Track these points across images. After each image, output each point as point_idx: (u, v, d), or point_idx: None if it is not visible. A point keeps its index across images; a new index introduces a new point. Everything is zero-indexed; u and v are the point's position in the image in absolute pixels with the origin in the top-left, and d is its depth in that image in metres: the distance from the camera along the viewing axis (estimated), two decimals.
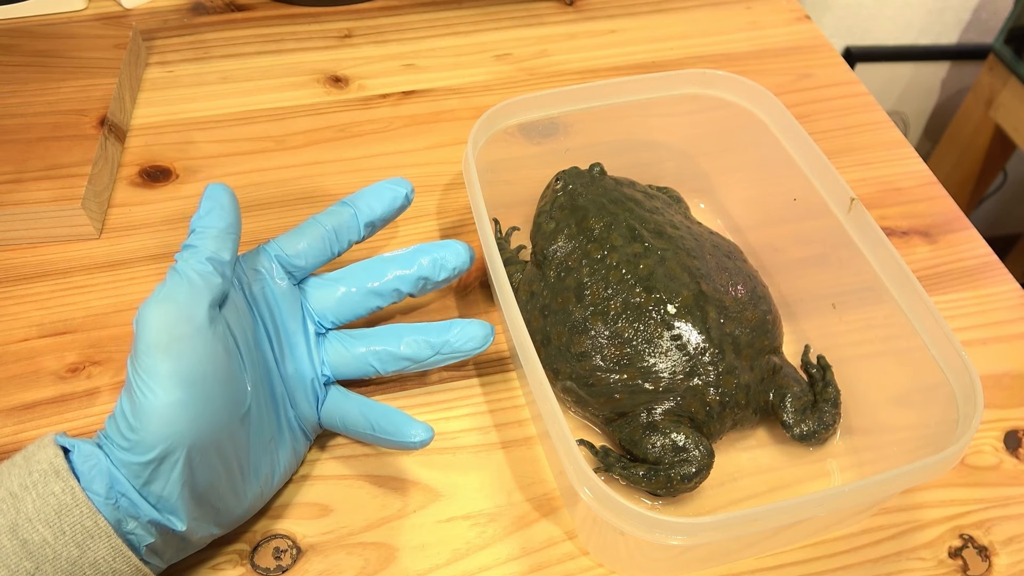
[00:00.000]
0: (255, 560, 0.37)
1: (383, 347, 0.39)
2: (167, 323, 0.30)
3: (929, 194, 0.54)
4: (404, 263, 0.40)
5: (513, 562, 0.37)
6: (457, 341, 0.39)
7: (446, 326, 0.39)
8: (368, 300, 0.40)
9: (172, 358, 0.30)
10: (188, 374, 0.30)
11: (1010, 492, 0.41)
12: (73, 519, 0.29)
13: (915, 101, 1.25)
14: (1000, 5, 1.14)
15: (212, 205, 0.34)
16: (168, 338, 0.30)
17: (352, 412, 0.38)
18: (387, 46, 0.62)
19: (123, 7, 0.63)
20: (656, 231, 0.42)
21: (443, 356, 0.39)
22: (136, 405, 0.30)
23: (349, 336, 0.39)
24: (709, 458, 0.37)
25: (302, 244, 0.39)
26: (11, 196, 0.47)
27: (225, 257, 0.34)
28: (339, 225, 0.40)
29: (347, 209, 0.40)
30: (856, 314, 0.42)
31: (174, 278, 0.32)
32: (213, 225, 0.34)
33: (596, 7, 0.67)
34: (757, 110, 0.47)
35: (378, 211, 0.41)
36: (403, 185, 0.41)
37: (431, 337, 0.39)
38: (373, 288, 0.40)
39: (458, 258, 0.41)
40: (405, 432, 0.37)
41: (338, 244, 0.40)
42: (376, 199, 0.41)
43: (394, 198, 0.41)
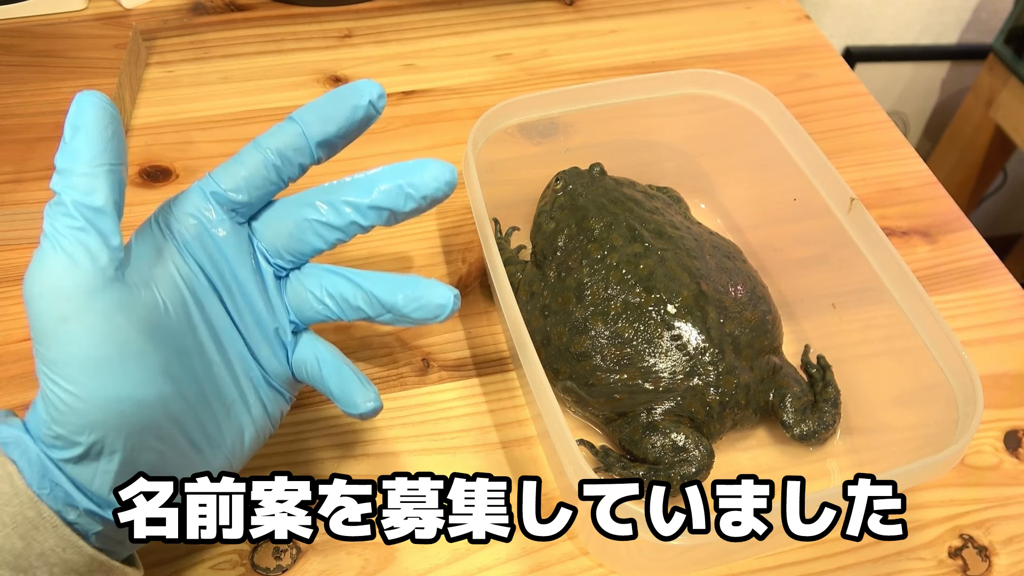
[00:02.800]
0: (255, 560, 0.37)
1: (338, 292, 0.34)
2: (46, 303, 0.26)
3: (929, 194, 0.54)
4: (358, 190, 0.33)
5: (513, 562, 0.37)
6: (406, 306, 0.33)
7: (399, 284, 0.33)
8: (326, 233, 0.33)
9: (64, 343, 0.26)
10: (88, 357, 0.26)
11: (1010, 492, 0.41)
12: (13, 509, 0.26)
13: (915, 101, 1.25)
14: (1000, 5, 1.14)
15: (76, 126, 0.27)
16: (53, 320, 0.26)
17: (311, 362, 0.34)
18: (387, 46, 0.62)
19: (123, 7, 0.63)
20: (656, 231, 0.42)
21: (394, 318, 0.34)
22: (45, 400, 0.27)
23: (307, 274, 0.34)
24: (709, 458, 0.37)
25: (241, 174, 0.32)
26: (11, 196, 0.47)
27: (97, 201, 0.27)
28: (284, 147, 0.32)
29: (293, 126, 0.33)
30: (856, 314, 0.42)
31: (44, 243, 0.26)
32: (76, 160, 0.27)
33: (596, 7, 0.67)
34: (757, 110, 0.47)
35: (333, 126, 0.33)
36: (366, 90, 0.33)
37: (382, 296, 0.33)
38: (326, 221, 0.33)
39: (432, 183, 0.33)
40: (349, 398, 0.33)
41: (287, 170, 0.33)
42: (332, 111, 0.33)
43: (354, 108, 0.33)
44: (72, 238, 0.26)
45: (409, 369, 0.44)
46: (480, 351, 0.45)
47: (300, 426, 0.41)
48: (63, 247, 0.26)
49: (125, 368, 0.27)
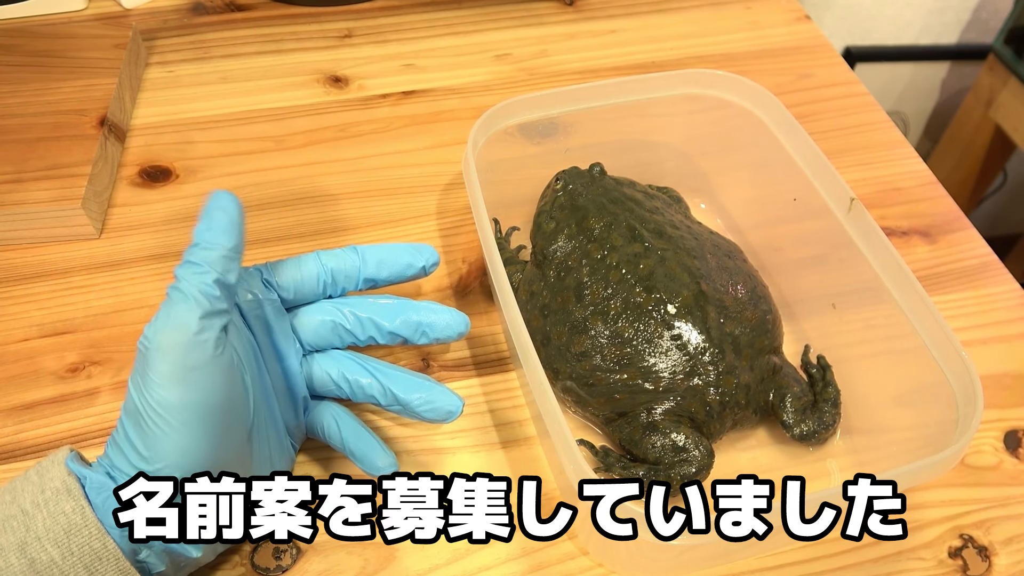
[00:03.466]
0: (255, 560, 0.37)
1: (354, 377, 0.38)
2: (182, 352, 0.29)
3: (929, 194, 0.54)
4: (383, 315, 0.38)
5: (513, 562, 0.37)
6: (419, 407, 0.37)
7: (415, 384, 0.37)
8: (344, 336, 0.38)
9: (187, 389, 0.29)
10: (203, 404, 0.30)
11: (1010, 492, 0.41)
12: (82, 540, 0.29)
13: (915, 101, 1.25)
14: (1000, 5, 1.14)
15: (221, 218, 0.32)
16: (183, 368, 0.29)
17: (330, 424, 0.38)
18: (387, 46, 0.62)
19: (123, 7, 0.63)
20: (656, 231, 0.42)
21: (405, 412, 0.37)
22: (148, 437, 0.29)
23: (327, 356, 0.38)
24: (709, 458, 0.37)
25: (296, 279, 0.37)
26: (11, 196, 0.47)
27: (232, 280, 0.32)
28: (339, 271, 0.38)
29: (353, 258, 0.38)
30: (856, 314, 0.42)
31: (183, 301, 0.30)
32: (221, 243, 0.31)
33: (596, 7, 0.67)
34: (757, 110, 0.47)
35: (384, 273, 0.39)
36: (424, 255, 0.39)
37: (397, 390, 0.37)
38: (348, 328, 0.38)
39: (446, 331, 0.38)
40: (370, 460, 0.37)
41: (332, 288, 0.38)
42: (389, 259, 0.39)
43: (408, 266, 0.39)
44: (207, 301, 0.30)
45: (409, 367, 0.44)
46: (480, 351, 0.45)
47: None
48: (201, 305, 0.30)
49: (226, 417, 0.31)
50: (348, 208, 0.51)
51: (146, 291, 0.46)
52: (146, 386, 0.29)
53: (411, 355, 0.44)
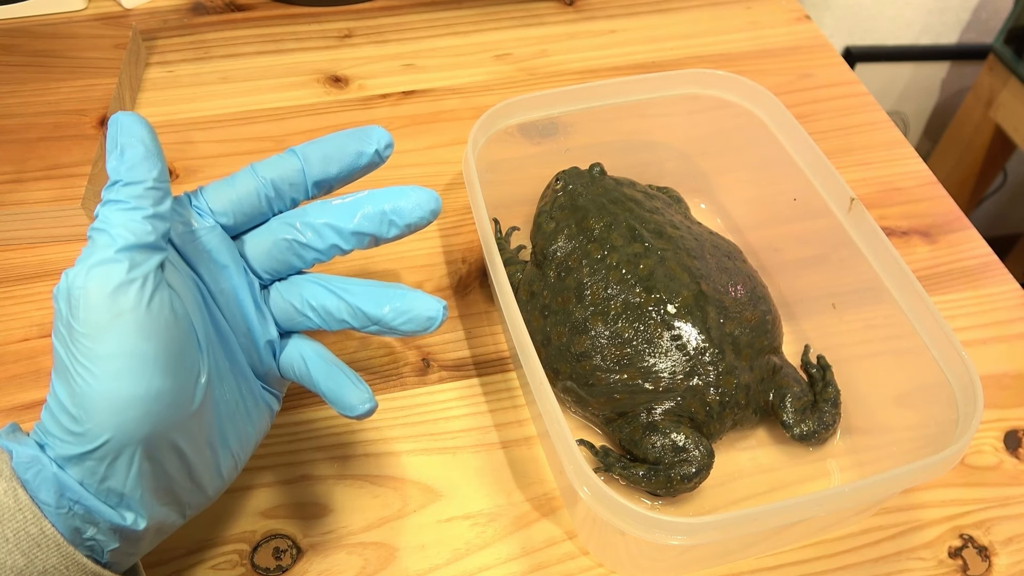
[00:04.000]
0: (255, 560, 0.37)
1: (319, 303, 0.33)
2: (108, 295, 0.26)
3: (929, 194, 0.54)
4: (341, 215, 0.33)
5: (513, 562, 0.37)
6: (394, 319, 0.32)
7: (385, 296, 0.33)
8: (304, 253, 0.33)
9: (116, 336, 0.26)
10: (136, 352, 0.26)
11: (1010, 492, 0.41)
12: (16, 525, 0.26)
13: (915, 101, 1.25)
14: (1000, 5, 1.14)
15: (136, 148, 0.28)
16: (109, 313, 0.26)
17: (299, 363, 0.34)
18: (387, 46, 0.62)
19: (123, 7, 0.63)
20: (656, 231, 0.42)
21: (381, 329, 0.33)
22: (76, 392, 0.26)
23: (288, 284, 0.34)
24: (709, 458, 0.37)
25: (229, 199, 0.32)
26: (11, 196, 0.47)
27: (163, 211, 0.28)
28: (280, 179, 0.32)
29: (294, 161, 0.33)
30: (856, 314, 0.42)
31: (104, 240, 0.27)
32: (143, 175, 0.28)
33: (596, 7, 0.67)
34: (757, 110, 0.47)
35: (334, 169, 0.33)
36: (372, 138, 0.33)
37: (367, 308, 0.33)
38: (306, 243, 0.33)
39: (416, 211, 0.32)
40: (342, 400, 0.33)
41: (278, 202, 0.33)
42: (335, 152, 0.33)
43: (358, 154, 0.33)
44: (134, 238, 0.27)
45: (409, 369, 0.44)
46: (480, 351, 0.45)
47: (298, 426, 0.41)
48: (127, 242, 0.27)
49: (166, 366, 0.27)
50: None
51: None
52: (71, 337, 0.26)
53: (410, 355, 0.44)
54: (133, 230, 0.27)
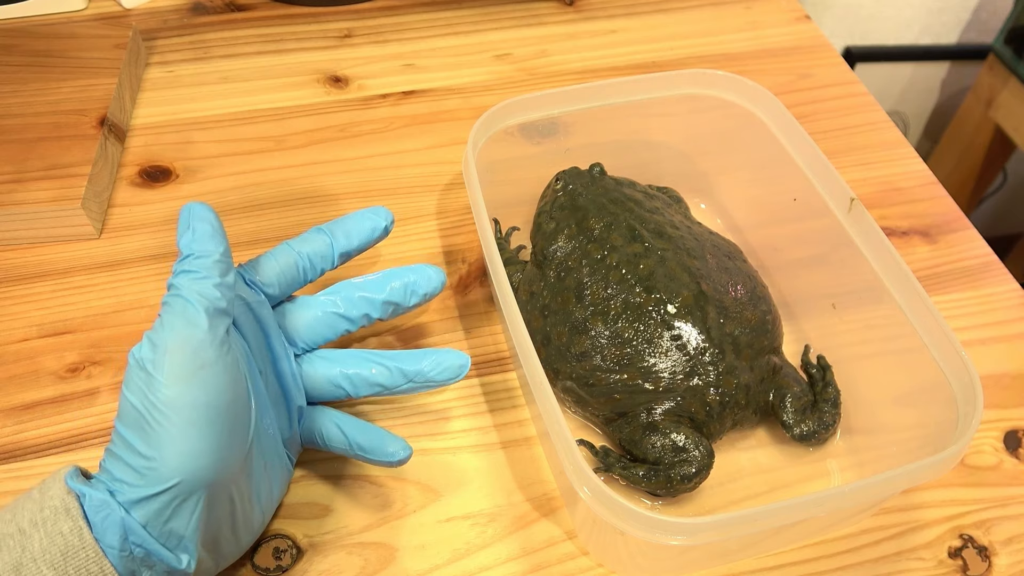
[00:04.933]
0: (255, 560, 0.37)
1: (355, 371, 0.38)
2: (190, 350, 0.29)
3: (929, 194, 0.54)
4: (374, 288, 0.39)
5: (513, 562, 0.37)
6: (431, 371, 0.38)
7: (420, 355, 0.38)
8: (337, 324, 0.39)
9: (195, 388, 0.29)
10: (209, 405, 0.29)
11: (1010, 492, 0.41)
12: (78, 562, 0.28)
13: (915, 101, 1.25)
14: (1000, 5, 1.14)
15: (204, 227, 0.32)
16: (191, 368, 0.29)
17: (330, 428, 0.38)
18: (387, 46, 0.62)
19: (123, 7, 0.63)
20: (656, 231, 0.42)
21: (416, 385, 0.38)
22: (152, 438, 0.29)
23: (321, 358, 0.39)
24: (709, 458, 0.37)
25: (275, 272, 0.37)
26: (11, 196, 0.47)
27: (231, 282, 0.32)
28: (313, 253, 0.38)
29: (323, 237, 0.39)
30: (856, 314, 0.42)
31: (184, 304, 0.30)
32: (211, 249, 0.32)
33: (596, 7, 0.67)
34: (757, 110, 0.47)
35: (355, 242, 0.40)
36: (382, 216, 0.40)
37: (404, 366, 0.38)
38: (342, 313, 0.39)
39: (429, 284, 0.39)
40: (382, 449, 0.36)
41: (311, 272, 0.39)
42: (355, 229, 0.40)
43: (373, 229, 0.40)
44: (208, 304, 0.30)
45: None
46: (480, 351, 0.45)
47: None
48: (203, 308, 0.30)
49: (231, 419, 0.30)
50: (348, 208, 0.51)
51: (146, 291, 0.46)
52: (151, 389, 0.29)
53: None
54: (207, 296, 0.30)
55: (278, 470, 0.37)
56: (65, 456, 0.40)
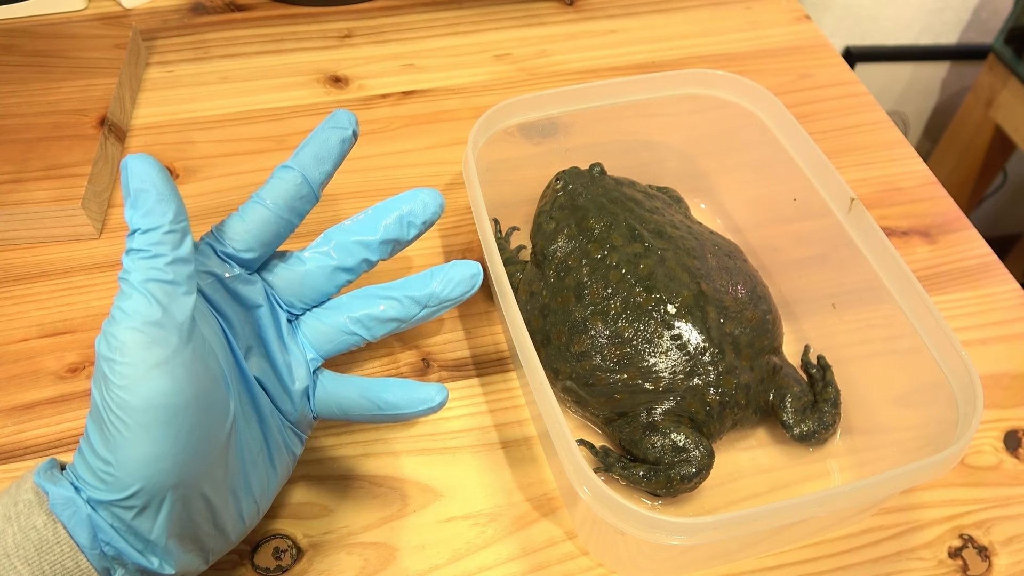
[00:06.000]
0: (255, 560, 0.37)
1: (365, 312, 0.35)
2: (141, 348, 0.26)
3: (929, 194, 0.54)
4: (366, 229, 0.35)
5: (513, 562, 0.37)
6: (443, 290, 0.35)
7: (427, 276, 0.35)
8: (335, 276, 0.35)
9: (150, 388, 0.26)
10: (167, 405, 0.27)
11: (1010, 492, 0.41)
12: (53, 557, 0.27)
13: (915, 101, 1.25)
14: (1000, 5, 1.14)
15: (147, 191, 0.28)
16: (144, 367, 0.26)
17: (350, 396, 0.35)
18: (387, 46, 0.62)
19: (123, 7, 0.63)
20: (656, 231, 0.42)
21: (431, 309, 0.35)
22: (110, 441, 0.27)
23: (325, 310, 0.35)
24: (709, 458, 0.37)
25: (248, 233, 0.33)
26: (11, 196, 0.47)
27: (184, 254, 0.28)
28: (288, 196, 0.33)
29: (292, 174, 0.33)
30: (856, 314, 0.42)
31: (134, 294, 0.27)
32: (158, 221, 0.28)
33: (596, 7, 0.67)
34: (757, 110, 0.47)
35: (329, 164, 0.34)
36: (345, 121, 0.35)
37: (414, 292, 0.35)
38: (337, 264, 0.35)
39: (427, 210, 0.35)
40: (417, 398, 0.34)
41: (294, 218, 0.34)
42: (323, 149, 0.34)
43: (342, 141, 0.34)
44: (161, 290, 0.27)
45: (409, 369, 0.44)
46: (480, 351, 0.45)
47: None
48: (155, 296, 0.27)
49: (197, 416, 0.28)
50: (348, 208, 0.51)
51: None
52: (106, 387, 0.27)
53: (410, 355, 0.44)
54: (158, 278, 0.27)
55: (274, 456, 0.34)
56: (65, 456, 0.40)
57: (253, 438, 0.33)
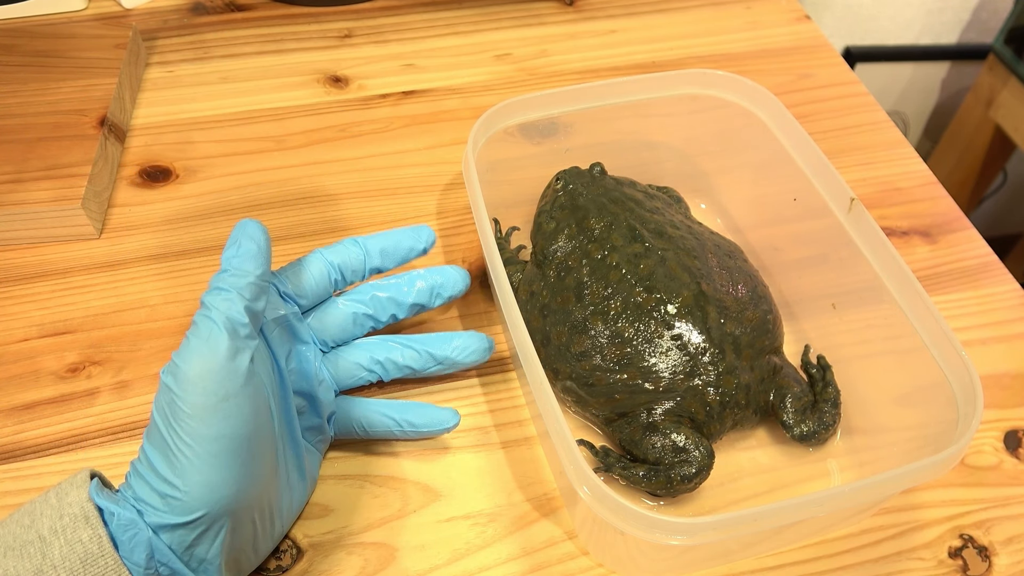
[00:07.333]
0: None
1: (387, 356, 0.39)
2: (214, 381, 0.29)
3: (929, 194, 0.54)
4: (400, 292, 0.40)
5: (513, 562, 0.37)
6: (458, 355, 0.40)
7: (447, 338, 0.40)
8: (365, 323, 0.40)
9: (220, 420, 0.29)
10: (234, 435, 0.29)
11: (1010, 492, 0.41)
12: (97, 570, 0.28)
13: (915, 101, 1.25)
14: (1000, 5, 1.14)
15: (250, 245, 0.32)
16: (216, 398, 0.29)
17: (372, 416, 0.39)
18: (387, 46, 0.62)
19: (123, 7, 0.63)
20: (656, 231, 0.42)
21: (444, 367, 0.40)
22: (177, 467, 0.29)
23: (351, 348, 0.40)
24: (709, 458, 0.37)
25: (309, 284, 0.38)
26: (11, 196, 0.47)
27: (260, 308, 0.31)
28: (345, 266, 0.39)
29: (358, 251, 0.39)
30: (856, 314, 0.42)
31: (213, 328, 0.29)
32: (249, 270, 0.31)
33: (596, 7, 0.67)
34: (757, 110, 0.47)
35: (390, 263, 0.40)
36: (423, 239, 0.40)
37: (433, 350, 0.39)
38: (371, 314, 0.40)
39: (455, 287, 0.41)
40: (436, 420, 0.39)
41: (341, 284, 0.39)
42: (391, 248, 0.40)
43: (410, 250, 0.40)
44: (235, 330, 0.30)
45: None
46: None
47: None
48: (229, 335, 0.29)
49: (256, 448, 0.30)
50: (348, 208, 0.51)
51: (146, 291, 0.46)
52: (175, 416, 0.28)
53: None
54: (235, 319, 0.30)
55: (301, 480, 0.37)
56: (65, 456, 0.40)
57: (290, 465, 0.36)
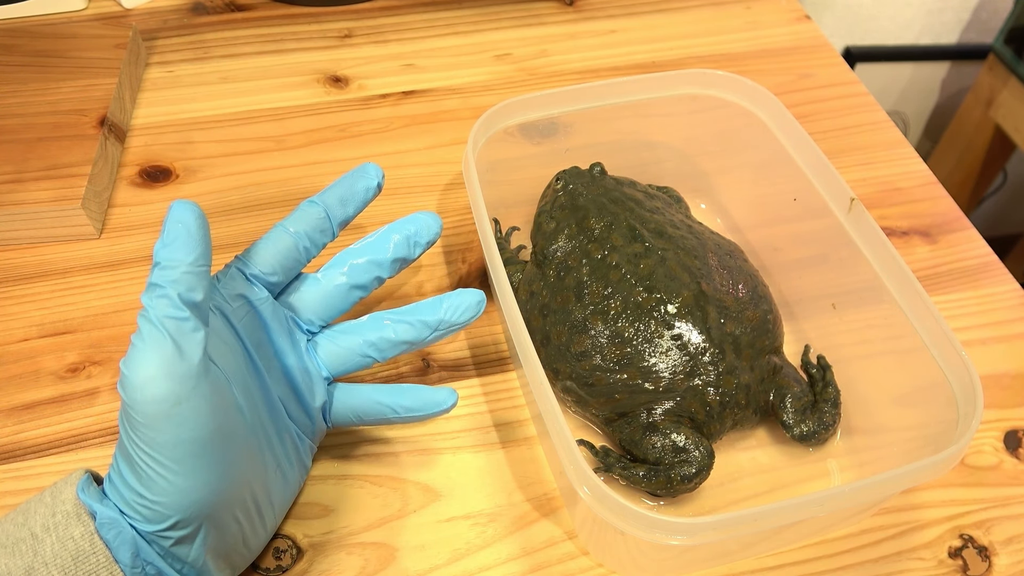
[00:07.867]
0: (255, 560, 0.37)
1: (379, 335, 0.37)
2: (162, 387, 0.27)
3: (929, 194, 0.54)
4: (377, 251, 0.38)
5: (513, 562, 0.37)
6: (452, 315, 0.37)
7: (436, 302, 0.37)
8: (350, 294, 0.38)
9: (175, 426, 0.28)
10: (195, 438, 0.28)
11: (1010, 492, 0.41)
12: (89, 567, 0.28)
13: (915, 101, 1.25)
14: (1000, 5, 1.14)
15: (177, 230, 0.29)
16: (167, 404, 0.27)
17: (366, 404, 0.37)
18: (387, 46, 0.62)
19: (123, 7, 0.63)
20: (656, 231, 0.42)
21: (440, 332, 0.37)
22: (143, 477, 0.28)
23: (339, 332, 0.38)
24: (709, 459, 0.37)
25: (274, 259, 0.36)
26: (11, 196, 0.47)
27: (198, 297, 0.29)
28: (311, 230, 0.37)
29: (317, 210, 0.37)
30: (856, 314, 0.42)
31: (152, 332, 0.28)
32: (180, 258, 0.29)
33: (596, 7, 0.67)
34: (757, 110, 0.47)
35: (352, 208, 0.38)
36: (372, 175, 0.39)
37: (426, 317, 0.37)
38: (353, 282, 0.38)
39: (429, 231, 0.39)
40: (431, 402, 0.37)
41: (313, 250, 0.37)
42: (348, 194, 0.38)
43: (366, 189, 0.38)
44: (177, 328, 0.28)
45: (409, 369, 0.44)
46: (480, 351, 0.45)
47: None
48: (171, 335, 0.28)
49: (224, 447, 0.29)
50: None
51: None
52: (132, 426, 0.28)
53: (410, 355, 0.44)
54: (175, 315, 0.28)
55: (291, 472, 0.36)
56: (65, 456, 0.40)
57: (275, 456, 0.35)
